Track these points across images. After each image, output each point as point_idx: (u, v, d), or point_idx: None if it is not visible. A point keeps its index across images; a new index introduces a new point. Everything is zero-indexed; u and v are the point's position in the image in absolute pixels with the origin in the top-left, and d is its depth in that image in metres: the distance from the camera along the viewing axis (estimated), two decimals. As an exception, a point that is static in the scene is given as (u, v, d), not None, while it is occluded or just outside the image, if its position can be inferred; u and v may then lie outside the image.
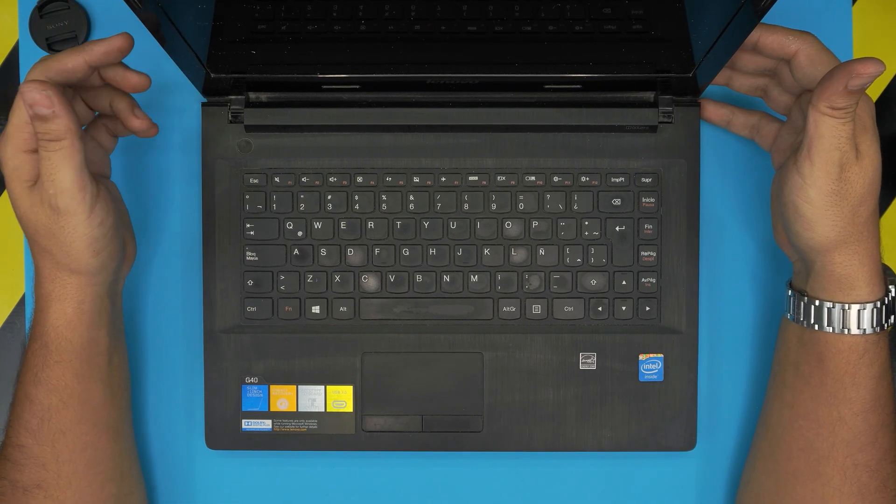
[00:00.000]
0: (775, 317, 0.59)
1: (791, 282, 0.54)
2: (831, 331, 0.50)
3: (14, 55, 0.61)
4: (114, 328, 0.54)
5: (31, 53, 0.60)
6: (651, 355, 0.58)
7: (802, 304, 0.51)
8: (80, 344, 0.51)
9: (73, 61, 0.48)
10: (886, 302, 0.50)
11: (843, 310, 0.49)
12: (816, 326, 0.51)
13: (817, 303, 0.50)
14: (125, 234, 0.55)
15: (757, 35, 0.50)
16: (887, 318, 0.50)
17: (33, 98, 0.46)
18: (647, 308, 0.58)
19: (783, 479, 0.53)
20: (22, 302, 0.60)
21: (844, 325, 0.50)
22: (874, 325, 0.49)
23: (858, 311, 0.49)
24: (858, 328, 0.49)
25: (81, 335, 0.51)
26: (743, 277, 0.60)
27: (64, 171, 0.47)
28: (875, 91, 0.61)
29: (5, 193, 0.61)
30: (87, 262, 0.50)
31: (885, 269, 0.52)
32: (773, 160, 0.55)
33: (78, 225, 0.49)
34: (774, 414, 0.54)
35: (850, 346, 0.50)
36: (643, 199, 0.58)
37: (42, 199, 0.48)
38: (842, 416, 0.50)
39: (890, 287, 0.51)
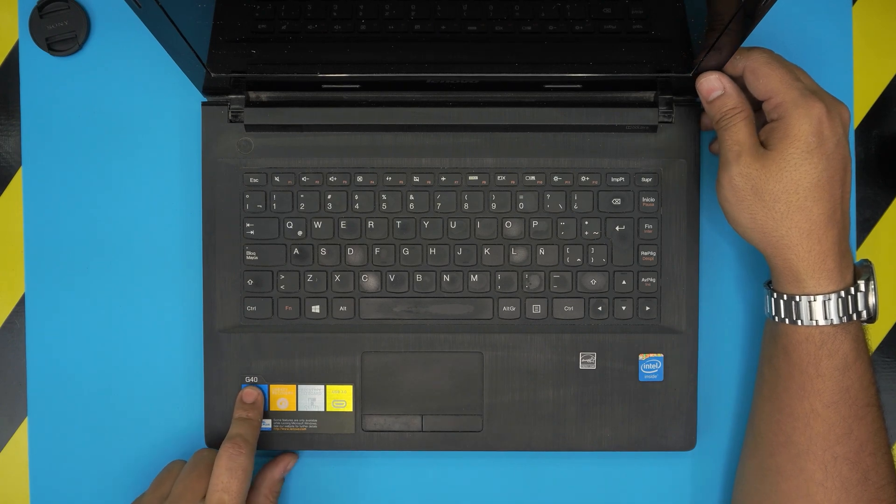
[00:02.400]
0: (775, 317, 0.60)
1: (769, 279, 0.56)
2: (788, 322, 0.52)
3: (14, 55, 0.61)
4: None
5: (31, 53, 0.60)
6: (651, 355, 0.58)
7: (770, 298, 0.53)
8: None
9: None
10: (843, 295, 0.51)
11: (795, 301, 0.51)
12: (776, 318, 0.53)
13: (775, 295, 0.53)
14: None
15: (724, 80, 0.53)
16: (846, 311, 0.51)
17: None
18: (647, 308, 0.58)
19: (768, 475, 0.53)
20: (22, 302, 0.60)
21: (797, 316, 0.51)
22: (826, 317, 0.51)
23: (809, 302, 0.51)
24: (810, 319, 0.51)
25: None
26: (743, 277, 0.60)
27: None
28: (875, 91, 0.61)
29: (6, 192, 0.61)
30: None
31: (863, 264, 0.53)
32: None
33: None
34: (757, 409, 0.55)
35: (806, 338, 0.51)
36: (643, 199, 0.58)
37: None
38: (814, 408, 0.51)
39: (859, 281, 0.52)
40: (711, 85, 0.53)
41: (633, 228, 0.58)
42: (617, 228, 0.58)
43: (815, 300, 0.51)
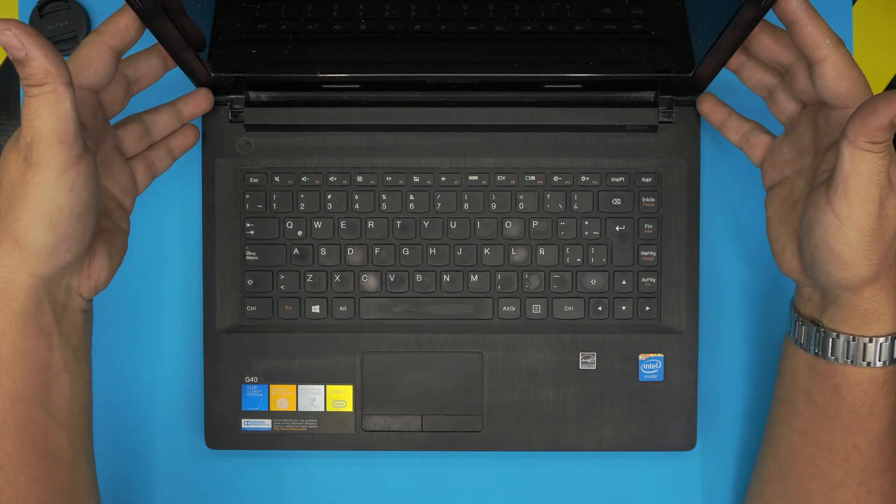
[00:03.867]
0: (775, 317, 0.59)
1: (797, 307, 0.51)
2: (850, 363, 0.47)
3: (14, 55, 0.61)
4: (62, 342, 0.45)
5: (32, 53, 0.60)
6: (651, 355, 0.58)
7: (818, 335, 0.49)
8: (10, 354, 0.43)
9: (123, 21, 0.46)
10: None
11: (864, 344, 0.47)
12: (834, 359, 0.48)
13: (835, 335, 0.48)
14: (107, 234, 0.48)
15: (798, 16, 0.45)
16: None
17: (3, 39, 0.39)
18: (647, 308, 0.58)
19: (795, 502, 0.52)
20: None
21: (865, 358, 0.47)
22: (894, 356, 0.47)
23: (881, 344, 0.47)
24: (879, 360, 0.47)
25: (12, 342, 0.43)
26: (743, 277, 0.60)
27: (42, 117, 0.41)
28: (875, 91, 0.61)
29: (5, 193, 0.61)
30: (38, 235, 0.42)
31: None
32: (765, 176, 0.52)
33: (44, 182, 0.41)
34: (783, 438, 0.52)
35: (869, 379, 0.47)
36: (643, 199, 0.58)
37: (18, 149, 0.42)
38: (857, 446, 0.48)
39: None
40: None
41: (633, 228, 0.58)
42: (617, 228, 0.58)
43: (886, 341, 0.47)
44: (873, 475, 0.49)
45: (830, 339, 0.48)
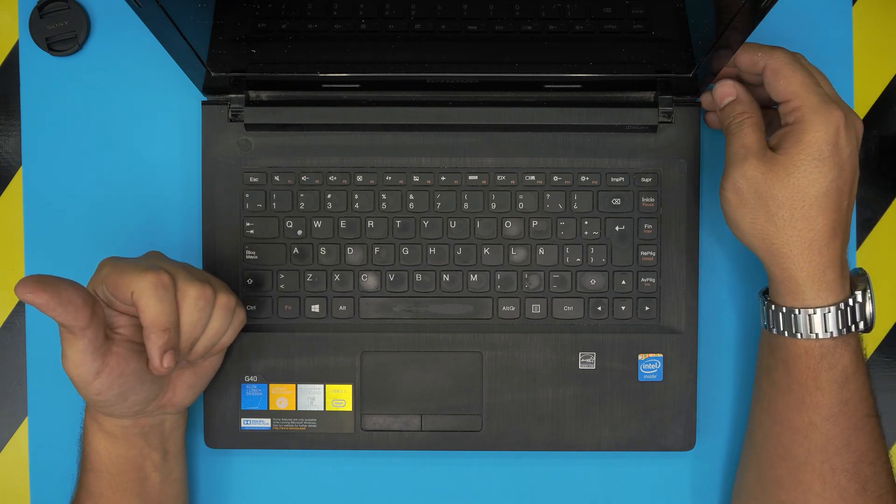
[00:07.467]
0: (775, 317, 0.60)
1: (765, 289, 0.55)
2: (786, 335, 0.51)
3: (14, 55, 0.61)
4: (150, 450, 0.54)
5: (31, 53, 0.60)
6: (650, 355, 0.58)
7: (767, 310, 0.52)
8: (107, 457, 0.53)
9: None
10: (842, 307, 0.50)
11: (794, 314, 0.51)
12: (774, 331, 0.52)
13: (773, 307, 0.52)
14: (196, 368, 0.54)
15: (735, 62, 0.52)
16: (845, 323, 0.50)
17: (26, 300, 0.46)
18: (647, 308, 0.58)
19: (768, 487, 0.53)
20: (22, 302, 0.60)
21: (796, 329, 0.51)
22: (826, 330, 0.50)
23: (808, 315, 0.50)
24: (809, 333, 0.50)
25: (107, 449, 0.53)
26: (743, 277, 0.60)
27: (63, 348, 0.48)
28: (875, 91, 0.61)
29: (6, 192, 0.61)
30: (96, 405, 0.52)
31: (857, 273, 0.52)
32: None
33: (76, 380, 0.50)
34: (756, 421, 0.54)
35: (806, 351, 0.50)
36: (643, 199, 0.58)
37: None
38: (812, 421, 0.51)
39: (856, 292, 0.51)
40: (725, 91, 0.52)
41: (632, 228, 0.58)
42: (616, 228, 0.58)
43: (814, 313, 0.50)
44: (835, 452, 0.50)
45: (770, 312, 0.52)
